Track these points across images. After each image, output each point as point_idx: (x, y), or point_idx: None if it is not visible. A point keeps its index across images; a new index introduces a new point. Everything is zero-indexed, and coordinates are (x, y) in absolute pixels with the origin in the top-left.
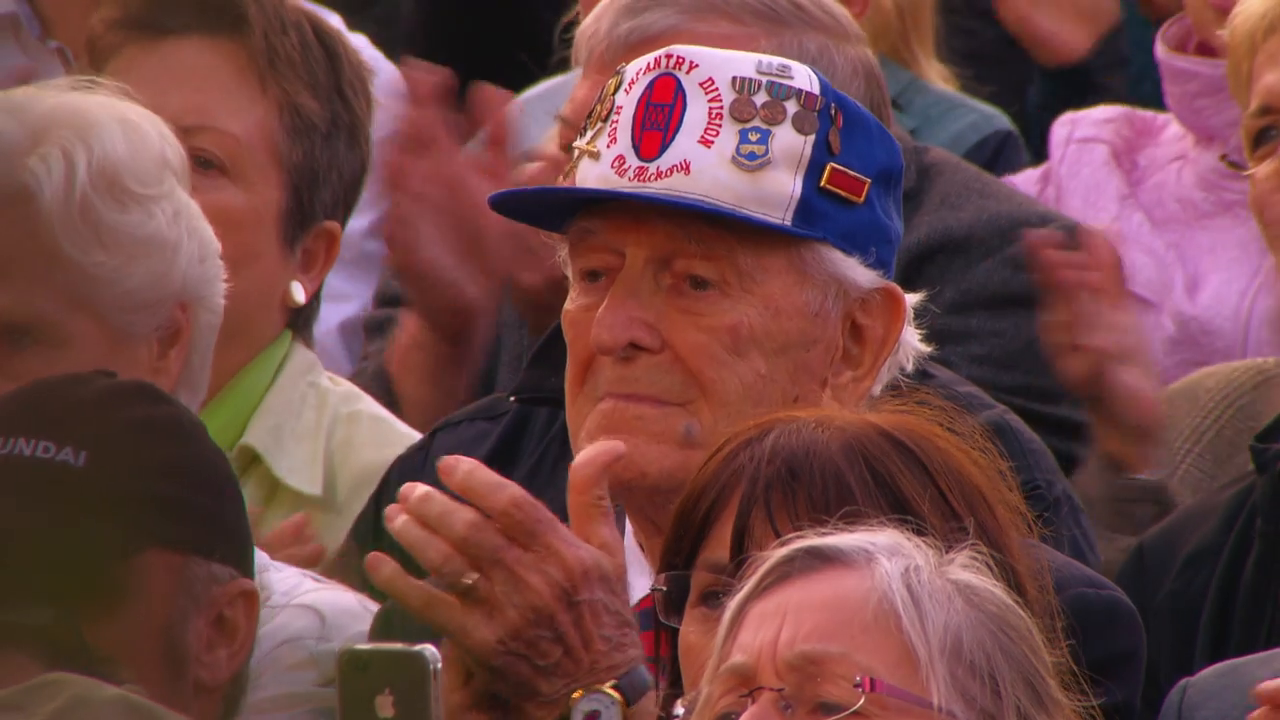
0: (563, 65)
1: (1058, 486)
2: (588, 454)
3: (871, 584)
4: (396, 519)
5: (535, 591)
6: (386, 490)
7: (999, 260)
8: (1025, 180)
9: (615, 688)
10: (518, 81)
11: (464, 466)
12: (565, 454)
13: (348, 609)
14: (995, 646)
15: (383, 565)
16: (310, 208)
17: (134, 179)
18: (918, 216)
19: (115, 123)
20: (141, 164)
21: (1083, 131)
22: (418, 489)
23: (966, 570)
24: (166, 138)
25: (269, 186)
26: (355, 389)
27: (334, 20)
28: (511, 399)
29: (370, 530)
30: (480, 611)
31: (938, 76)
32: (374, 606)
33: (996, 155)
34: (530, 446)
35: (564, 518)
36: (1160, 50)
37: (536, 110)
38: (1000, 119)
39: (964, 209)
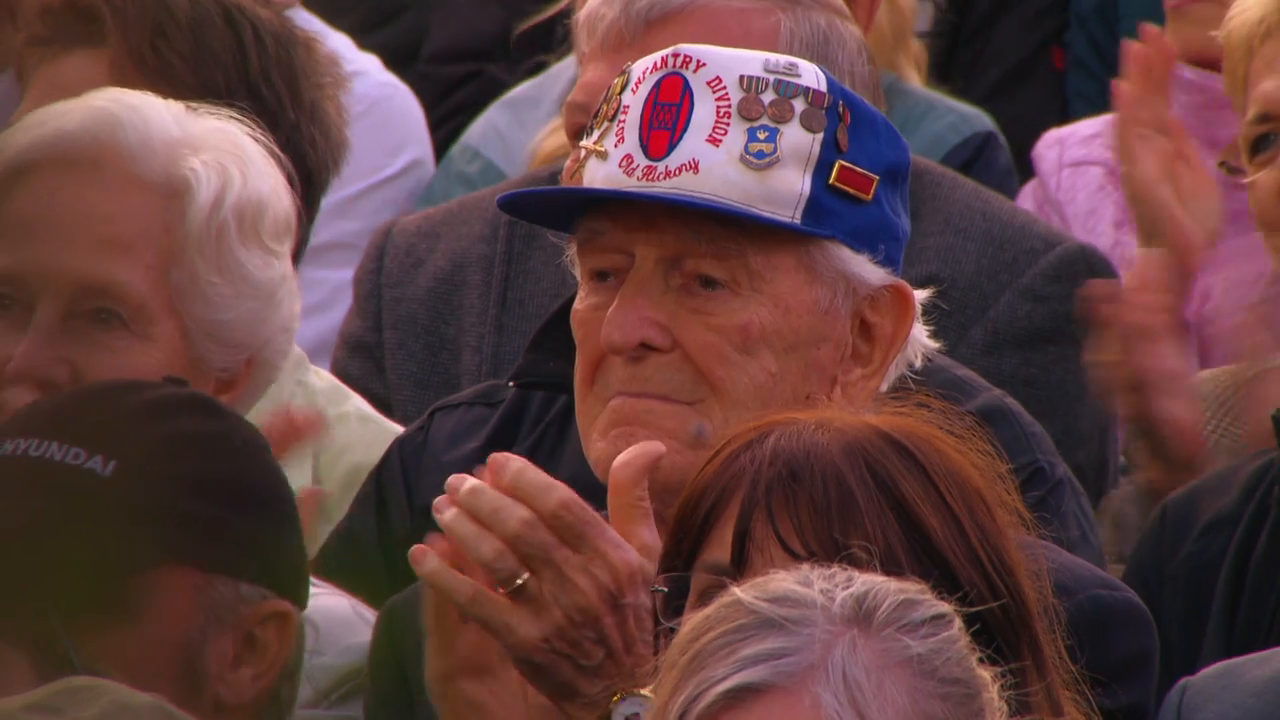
0: (539, 67)
1: (1059, 468)
2: (627, 455)
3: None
4: (446, 511)
5: (582, 593)
6: (387, 467)
7: (1015, 293)
8: (1020, 202)
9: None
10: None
11: (514, 466)
12: (562, 440)
13: (343, 619)
14: (941, 701)
15: (427, 559)
16: None
17: (267, 227)
18: (921, 239)
19: (266, 164)
20: (277, 214)
21: (1072, 154)
22: (467, 482)
23: (898, 613)
24: (292, 199)
25: None
26: (340, 385)
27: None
28: (510, 384)
29: (372, 508)
30: (527, 609)
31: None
32: (369, 613)
33: (976, 156)
34: (525, 431)
35: None
36: None
37: (517, 113)
38: (981, 120)
39: (970, 235)
